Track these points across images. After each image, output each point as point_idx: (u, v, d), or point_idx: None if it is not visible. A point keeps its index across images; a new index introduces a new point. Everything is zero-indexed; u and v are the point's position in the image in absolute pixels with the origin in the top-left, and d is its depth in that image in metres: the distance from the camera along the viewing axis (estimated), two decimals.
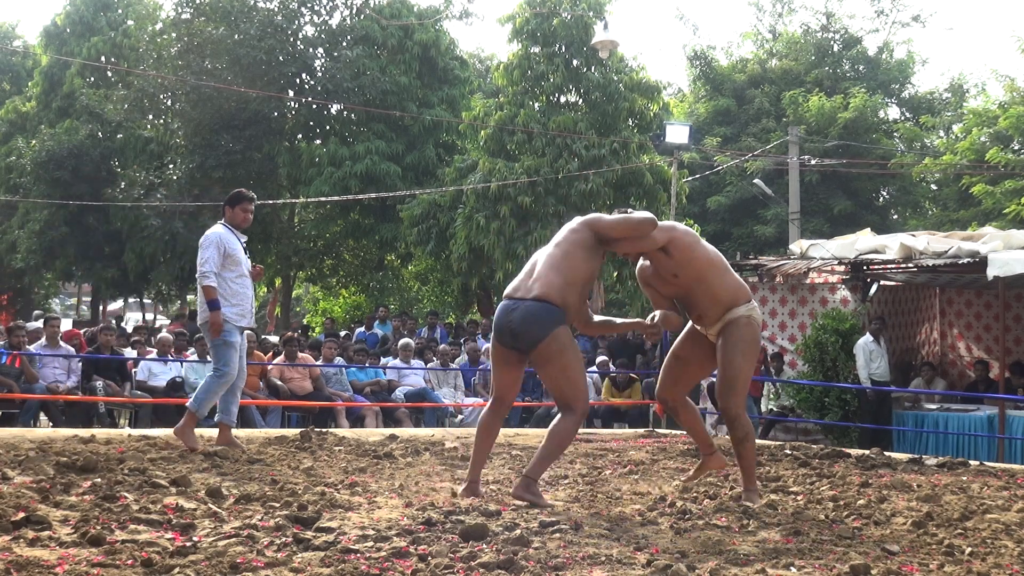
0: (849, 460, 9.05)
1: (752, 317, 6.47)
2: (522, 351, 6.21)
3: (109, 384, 12.98)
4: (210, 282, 8.36)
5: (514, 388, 6.50)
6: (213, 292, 8.35)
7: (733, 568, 4.53)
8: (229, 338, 8.40)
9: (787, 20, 37.73)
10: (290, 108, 28.81)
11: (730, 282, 6.51)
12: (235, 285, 8.51)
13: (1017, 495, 7.08)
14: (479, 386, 16.07)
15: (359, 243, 29.86)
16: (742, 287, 6.58)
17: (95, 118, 30.69)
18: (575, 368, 6.16)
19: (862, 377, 13.93)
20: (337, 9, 29.46)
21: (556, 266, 6.17)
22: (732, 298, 6.44)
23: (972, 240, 13.29)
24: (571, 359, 6.13)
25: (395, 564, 4.32)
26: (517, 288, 6.25)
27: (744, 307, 6.44)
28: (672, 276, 6.46)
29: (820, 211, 29.18)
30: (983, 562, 4.81)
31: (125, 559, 4.18)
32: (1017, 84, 27.36)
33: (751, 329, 6.45)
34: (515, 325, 6.09)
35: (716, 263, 6.48)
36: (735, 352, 6.42)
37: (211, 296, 8.35)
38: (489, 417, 6.44)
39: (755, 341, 6.52)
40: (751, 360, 6.51)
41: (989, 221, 22.40)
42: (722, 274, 6.49)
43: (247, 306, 8.61)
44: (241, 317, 8.52)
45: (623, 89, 22.95)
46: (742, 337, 6.42)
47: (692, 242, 6.45)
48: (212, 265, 8.40)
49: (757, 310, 6.57)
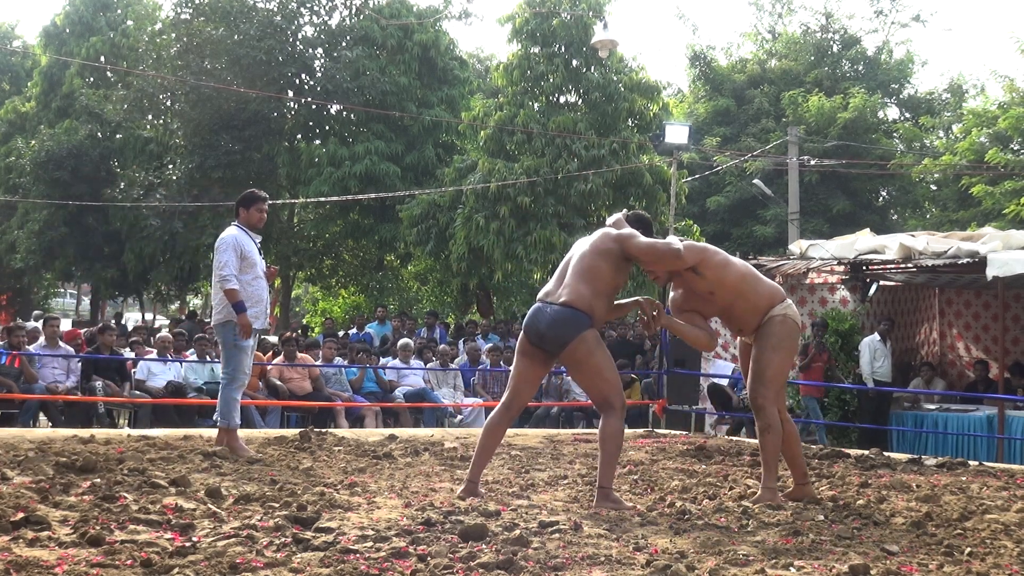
0: (848, 460, 9.05)
1: (787, 315, 6.58)
2: (549, 352, 6.35)
3: (108, 384, 12.97)
4: (232, 285, 8.31)
5: (530, 388, 6.58)
6: (237, 295, 8.29)
7: (732, 568, 4.54)
8: (241, 342, 8.40)
9: (787, 20, 37.81)
10: (289, 108, 28.81)
11: (764, 289, 6.65)
12: (251, 288, 8.46)
13: (1016, 495, 7.08)
14: (478, 386, 16.07)
15: (358, 243, 29.85)
16: (776, 290, 6.73)
17: (94, 118, 30.72)
18: (607, 367, 6.31)
19: (865, 374, 13.95)
20: (336, 9, 29.48)
21: (585, 277, 6.32)
22: (768, 304, 6.58)
23: (971, 240, 13.28)
24: (601, 359, 6.27)
25: (394, 564, 4.32)
26: (548, 292, 6.42)
27: (779, 307, 6.58)
28: (709, 294, 6.54)
29: (819, 211, 29.19)
30: (982, 562, 4.81)
31: (124, 559, 4.19)
32: (1016, 85, 27.39)
33: (785, 326, 6.55)
34: (543, 327, 6.25)
35: (748, 276, 6.63)
36: (766, 346, 6.54)
37: (235, 299, 8.29)
38: (498, 417, 6.47)
39: (788, 337, 6.60)
40: (784, 354, 6.59)
41: (988, 221, 22.41)
42: (756, 285, 6.63)
43: (262, 308, 8.57)
44: (256, 319, 8.48)
45: (623, 89, 22.98)
46: (774, 332, 6.53)
47: (723, 260, 6.59)
48: (232, 268, 8.35)
49: (792, 308, 6.68)
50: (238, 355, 8.40)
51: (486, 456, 6.50)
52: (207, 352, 13.78)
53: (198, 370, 13.68)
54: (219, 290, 8.40)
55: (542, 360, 6.45)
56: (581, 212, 22.21)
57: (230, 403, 8.34)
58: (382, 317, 20.68)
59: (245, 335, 8.32)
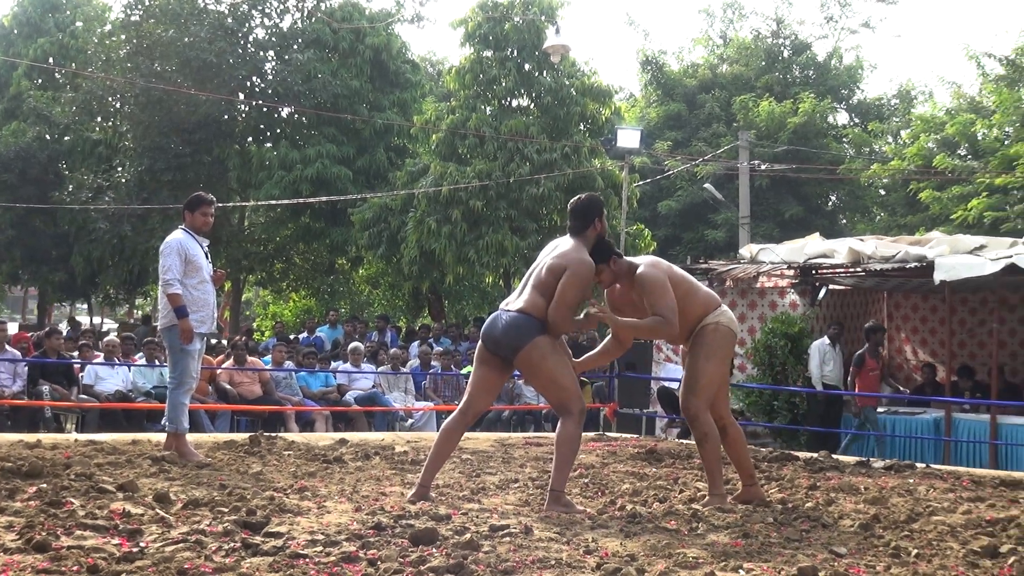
0: (798, 463, 9.11)
1: (719, 323, 6.57)
2: (504, 358, 6.38)
3: (56, 388, 12.85)
4: (175, 290, 8.27)
5: (488, 395, 6.65)
6: (179, 299, 8.26)
7: (682, 571, 4.56)
8: (188, 346, 8.34)
9: (738, 26, 38.05)
10: (240, 111, 28.61)
11: (698, 300, 6.61)
12: (196, 292, 8.42)
13: (962, 497, 7.15)
14: (429, 390, 16.04)
15: (309, 247, 29.71)
16: (709, 298, 6.72)
17: (42, 120, 30.37)
18: (561, 372, 6.34)
19: (815, 377, 14.03)
20: (288, 12, 29.30)
21: (540, 289, 6.33)
22: (703, 312, 6.58)
23: (919, 245, 13.41)
24: (556, 363, 6.32)
25: (344, 569, 4.31)
26: (508, 301, 6.49)
27: (711, 315, 6.57)
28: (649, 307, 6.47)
29: (770, 215, 29.37)
30: (929, 563, 4.86)
31: (71, 565, 4.14)
32: (964, 91, 27.72)
33: (716, 334, 6.54)
34: (498, 332, 6.32)
35: (687, 290, 6.56)
36: (699, 355, 6.53)
37: (177, 304, 8.26)
38: (454, 422, 6.49)
39: (719, 345, 6.57)
40: (716, 363, 6.56)
41: (936, 226, 22.63)
42: (692, 296, 6.58)
43: (208, 312, 8.53)
44: (201, 323, 8.45)
45: (575, 93, 23.04)
46: (705, 342, 6.53)
47: (663, 281, 6.41)
48: (175, 272, 8.30)
49: (727, 315, 6.67)
50: (185, 359, 8.36)
51: (439, 461, 6.50)
52: (156, 356, 13.68)
53: (147, 374, 13.57)
54: (164, 294, 8.36)
55: (499, 367, 6.46)
56: (533, 216, 22.24)
57: (178, 407, 8.29)
58: (333, 321, 20.63)
59: (186, 340, 8.27)
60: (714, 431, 6.49)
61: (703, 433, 6.47)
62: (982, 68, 25.40)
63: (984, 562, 4.94)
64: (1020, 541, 5.39)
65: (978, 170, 23.27)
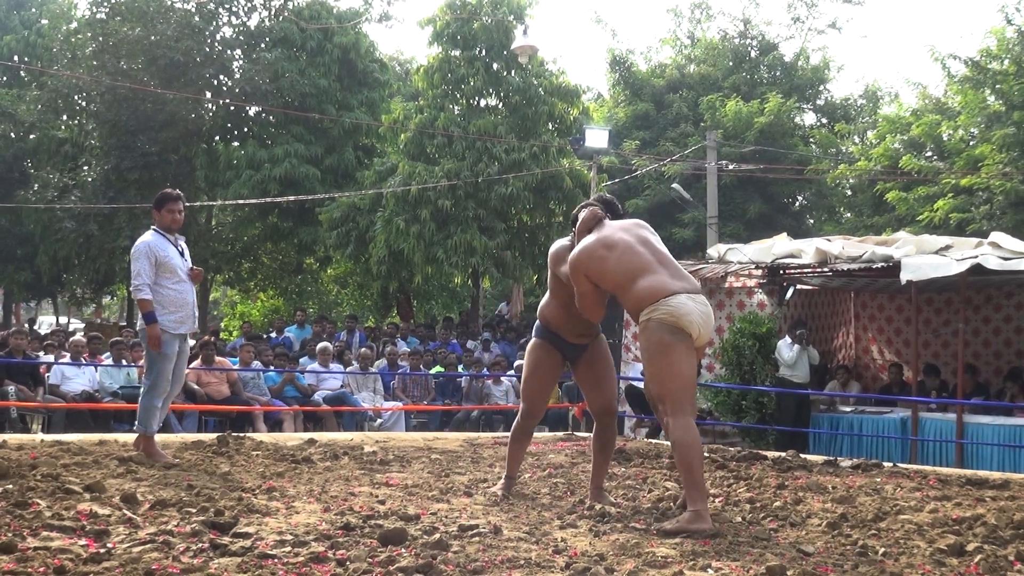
0: (766, 462, 9.13)
1: (651, 319, 6.02)
2: None
3: (21, 389, 12.75)
4: (144, 295, 8.17)
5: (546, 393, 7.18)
6: (148, 305, 8.16)
7: (651, 570, 4.56)
8: (165, 349, 8.27)
9: (705, 26, 38.05)
10: (208, 110, 28.45)
11: (637, 294, 6.16)
12: (172, 292, 8.29)
13: (929, 496, 7.20)
14: (398, 390, 16.02)
15: (277, 246, 29.64)
16: (650, 292, 6.10)
17: (7, 118, 30.12)
18: (531, 373, 6.86)
19: (786, 362, 14.11)
20: (255, 11, 29.17)
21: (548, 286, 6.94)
22: (636, 310, 6.15)
23: (886, 245, 13.50)
24: (529, 364, 6.88)
25: (313, 569, 4.30)
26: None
27: (645, 312, 6.08)
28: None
29: (737, 215, 29.41)
30: (896, 562, 4.89)
31: (37, 566, 4.11)
32: (929, 92, 27.86)
33: (647, 334, 6.04)
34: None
35: (619, 283, 6.25)
36: (642, 359, 6.26)
37: (146, 309, 8.16)
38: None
39: (654, 343, 6.02)
40: (657, 361, 6.04)
41: (902, 227, 22.73)
42: (625, 292, 6.22)
43: (187, 312, 8.41)
44: (180, 324, 8.34)
45: (543, 93, 23.09)
46: (641, 345, 6.19)
47: (578, 277, 6.35)
48: (144, 277, 8.19)
49: (661, 309, 5.99)
50: (160, 362, 8.26)
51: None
52: (123, 356, 13.60)
53: (113, 374, 13.49)
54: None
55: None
56: (501, 215, 22.26)
57: (149, 410, 8.21)
58: (301, 321, 20.55)
59: (153, 346, 8.18)
60: (686, 436, 5.86)
61: (672, 440, 5.95)
62: (947, 69, 25.49)
63: (950, 560, 4.98)
64: (986, 539, 5.43)
65: (944, 171, 23.41)
